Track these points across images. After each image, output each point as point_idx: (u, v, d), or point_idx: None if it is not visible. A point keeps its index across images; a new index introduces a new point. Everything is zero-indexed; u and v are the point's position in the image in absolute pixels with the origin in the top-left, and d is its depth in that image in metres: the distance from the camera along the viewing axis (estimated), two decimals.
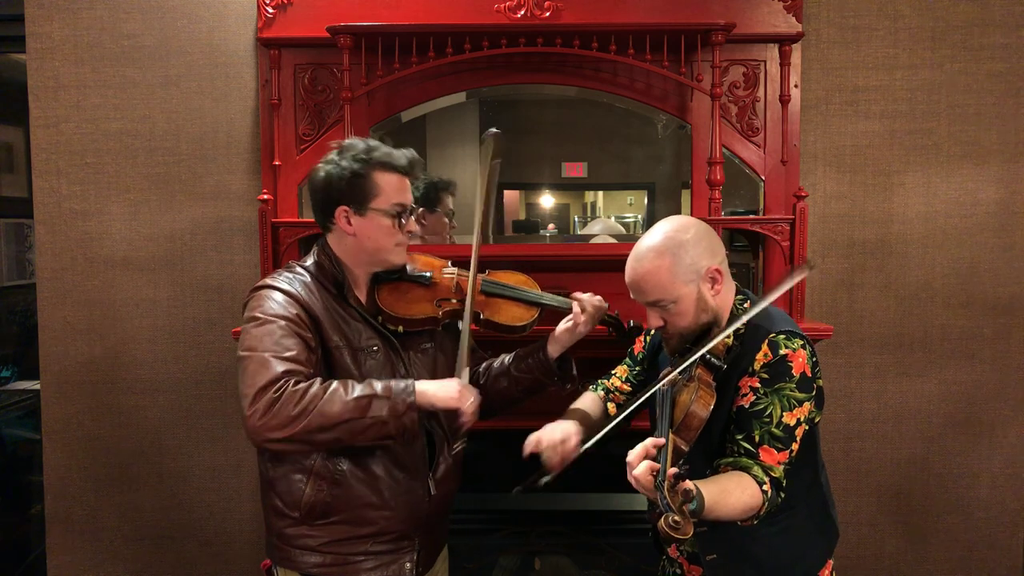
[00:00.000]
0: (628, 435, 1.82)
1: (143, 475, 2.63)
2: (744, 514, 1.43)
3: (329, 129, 2.46)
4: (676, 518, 1.20)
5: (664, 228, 1.60)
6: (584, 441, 1.61)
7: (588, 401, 1.81)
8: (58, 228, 2.56)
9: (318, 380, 1.51)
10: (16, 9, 2.55)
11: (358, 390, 1.51)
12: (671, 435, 1.38)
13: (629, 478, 1.33)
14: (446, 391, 1.58)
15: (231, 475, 2.63)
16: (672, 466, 1.28)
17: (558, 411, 1.93)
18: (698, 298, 1.56)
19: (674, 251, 1.55)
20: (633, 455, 1.33)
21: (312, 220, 2.38)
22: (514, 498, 2.75)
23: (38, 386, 2.64)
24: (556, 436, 1.61)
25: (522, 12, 2.39)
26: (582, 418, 1.71)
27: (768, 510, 1.46)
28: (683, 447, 1.41)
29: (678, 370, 1.51)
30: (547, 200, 3.11)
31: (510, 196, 3.08)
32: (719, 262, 1.59)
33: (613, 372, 1.89)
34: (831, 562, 1.68)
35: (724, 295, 1.61)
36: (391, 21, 2.37)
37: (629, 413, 1.63)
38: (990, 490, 2.64)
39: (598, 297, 1.81)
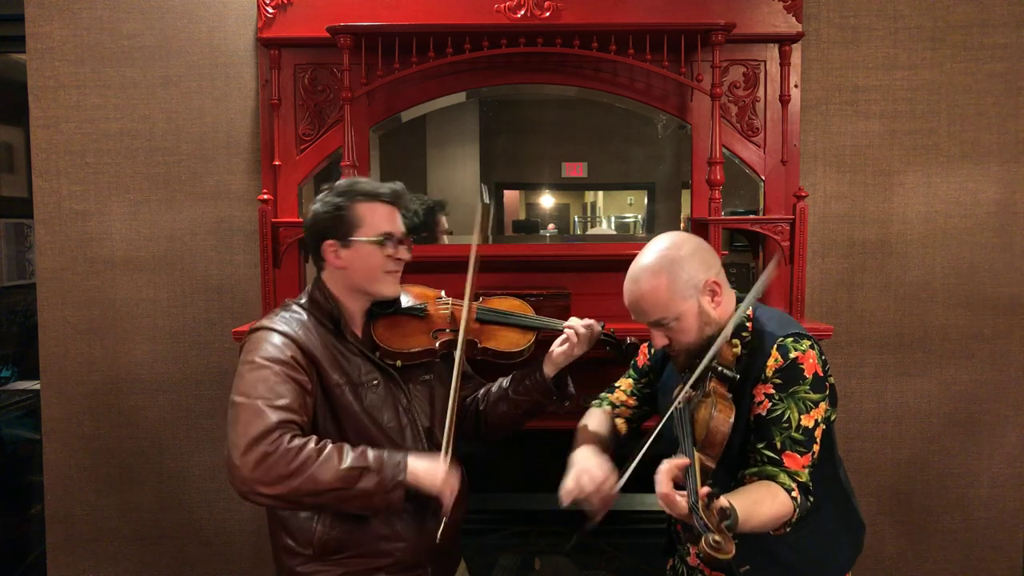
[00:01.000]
0: (635, 435, 1.82)
1: (143, 475, 2.63)
2: (776, 523, 1.42)
3: (329, 129, 2.46)
4: (716, 538, 1.18)
5: (657, 246, 1.59)
6: (620, 475, 1.56)
7: (597, 419, 1.79)
8: (58, 228, 2.56)
9: (313, 439, 1.49)
10: (16, 9, 2.55)
11: (350, 459, 1.49)
12: (696, 454, 1.37)
13: (659, 498, 1.31)
14: (432, 477, 1.55)
15: None
16: (702, 485, 1.27)
17: (563, 411, 1.92)
18: (699, 312, 1.55)
19: (670, 268, 1.54)
20: (662, 482, 1.30)
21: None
22: (514, 498, 2.76)
23: (38, 386, 2.64)
24: (597, 480, 1.54)
25: (522, 12, 2.39)
26: (598, 441, 1.68)
27: (800, 516, 1.45)
28: (710, 464, 1.40)
29: (688, 384, 1.49)
30: (547, 200, 3.11)
31: (510, 196, 3.08)
32: (716, 274, 1.58)
33: (617, 385, 1.87)
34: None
35: (725, 306, 1.60)
36: (391, 21, 2.37)
37: (654, 438, 1.57)
38: (990, 490, 2.64)
39: (590, 320, 1.81)
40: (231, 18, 2.52)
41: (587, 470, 1.56)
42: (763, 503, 1.40)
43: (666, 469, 1.31)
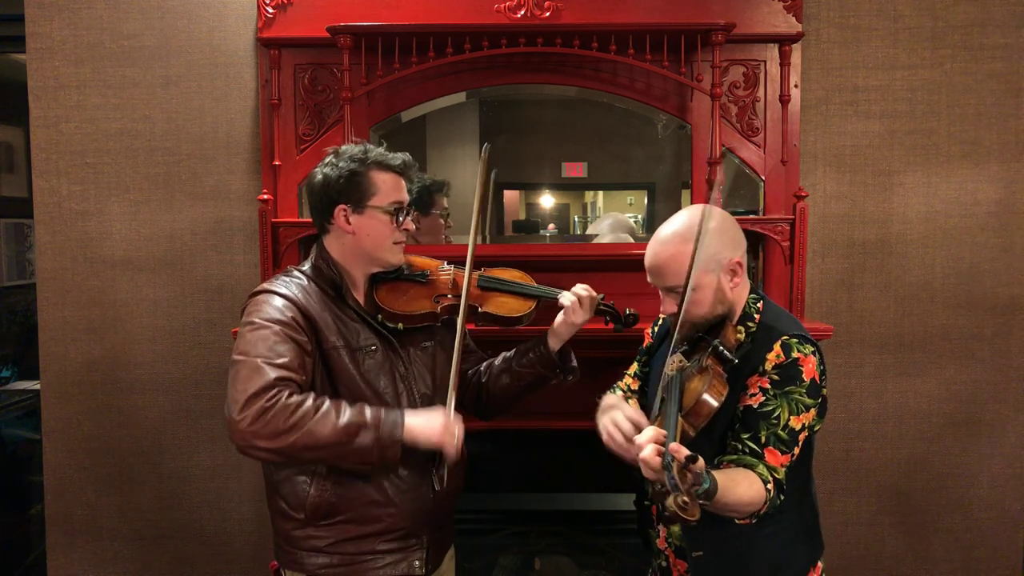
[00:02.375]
0: None
1: (143, 475, 2.63)
2: (747, 508, 1.43)
3: (329, 129, 2.46)
4: (684, 499, 1.19)
5: (689, 215, 1.59)
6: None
7: (613, 399, 1.79)
8: (58, 228, 2.56)
9: (311, 396, 1.51)
10: (16, 9, 2.55)
11: (348, 415, 1.51)
12: (679, 419, 1.39)
13: (627, 449, 1.33)
14: (430, 430, 1.57)
15: (231, 475, 2.63)
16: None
17: (559, 410, 1.93)
18: (717, 288, 1.55)
19: (698, 237, 1.53)
20: (641, 437, 1.33)
21: (312, 220, 2.40)
22: (514, 498, 2.76)
23: (38, 386, 2.64)
24: (625, 427, 1.54)
25: (522, 12, 2.39)
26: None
27: (767, 511, 1.46)
28: (690, 432, 1.42)
29: (675, 339, 1.51)
30: (547, 200, 3.11)
31: (510, 196, 3.08)
32: (740, 255, 1.59)
33: (627, 371, 1.89)
34: (820, 564, 1.68)
35: (740, 289, 1.61)
36: (391, 21, 2.37)
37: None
38: (990, 490, 2.64)
39: (586, 286, 1.82)
40: (231, 18, 2.52)
41: (617, 422, 1.56)
42: (740, 484, 1.41)
43: (651, 429, 1.33)
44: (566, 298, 1.79)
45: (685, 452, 1.23)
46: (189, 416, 2.62)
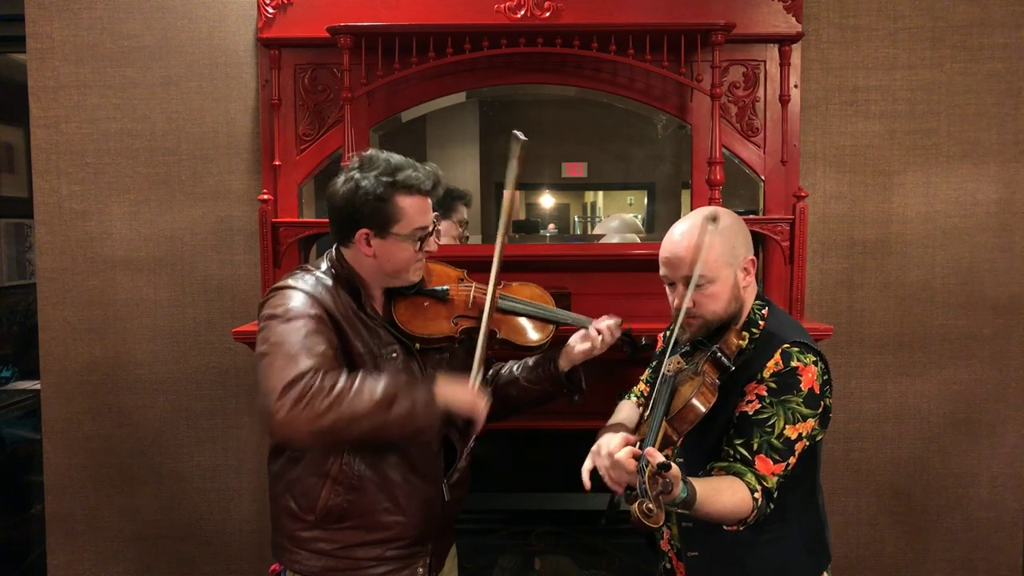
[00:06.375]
0: None
1: (143, 475, 2.63)
2: (731, 516, 1.42)
3: (329, 129, 2.45)
4: (650, 505, 1.19)
5: (703, 213, 1.60)
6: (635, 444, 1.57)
7: (625, 412, 1.80)
8: (58, 228, 2.56)
9: (344, 374, 1.49)
10: (16, 9, 2.55)
11: (382, 387, 1.49)
12: (664, 422, 1.39)
13: (602, 462, 1.33)
14: (463, 394, 1.58)
15: (231, 475, 2.63)
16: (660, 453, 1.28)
17: (560, 410, 1.93)
18: (733, 284, 1.55)
19: (719, 230, 1.54)
20: (614, 442, 1.33)
21: (312, 220, 2.41)
22: (514, 498, 2.77)
23: (38, 386, 2.64)
24: (606, 462, 1.55)
25: (522, 12, 2.39)
26: (622, 428, 1.69)
27: (756, 519, 1.45)
28: (673, 437, 1.42)
29: (673, 336, 1.51)
30: (547, 200, 3.12)
31: (510, 196, 3.08)
32: (752, 255, 1.60)
33: (643, 377, 1.88)
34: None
35: (749, 291, 1.61)
36: (391, 21, 2.37)
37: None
38: (990, 490, 2.64)
39: (614, 320, 1.81)
40: (231, 18, 2.51)
41: (601, 447, 1.55)
42: (723, 493, 1.41)
43: (622, 436, 1.34)
44: (594, 330, 1.79)
45: (659, 458, 1.23)
46: (189, 416, 2.62)
